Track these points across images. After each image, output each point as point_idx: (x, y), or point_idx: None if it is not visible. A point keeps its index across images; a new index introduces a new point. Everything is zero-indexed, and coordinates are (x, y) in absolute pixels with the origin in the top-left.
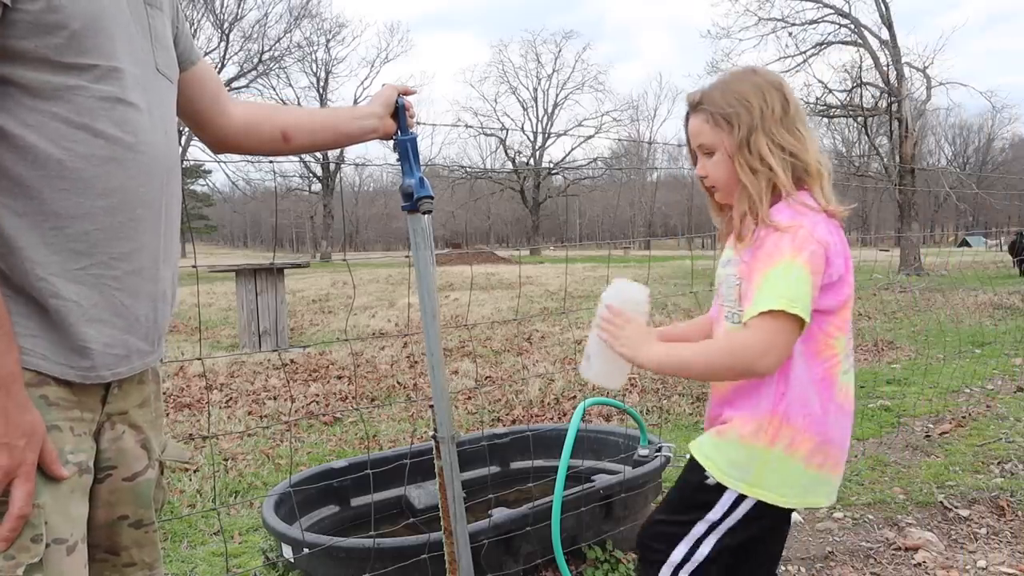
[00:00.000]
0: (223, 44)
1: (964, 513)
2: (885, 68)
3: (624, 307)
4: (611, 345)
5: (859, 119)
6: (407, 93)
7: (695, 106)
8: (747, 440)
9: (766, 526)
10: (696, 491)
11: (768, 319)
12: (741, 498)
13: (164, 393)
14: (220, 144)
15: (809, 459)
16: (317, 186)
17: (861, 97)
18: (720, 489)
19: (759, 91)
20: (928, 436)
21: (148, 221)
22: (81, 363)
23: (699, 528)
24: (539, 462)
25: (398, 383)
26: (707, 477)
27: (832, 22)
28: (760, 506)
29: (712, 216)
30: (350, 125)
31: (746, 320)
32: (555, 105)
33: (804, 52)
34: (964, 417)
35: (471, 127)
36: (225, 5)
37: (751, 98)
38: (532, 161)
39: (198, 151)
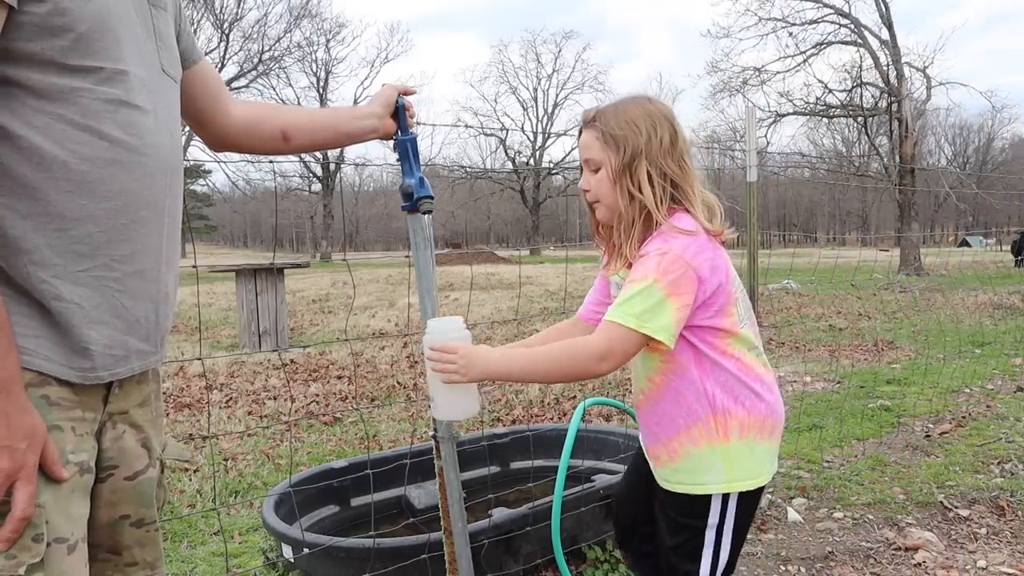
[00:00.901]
0: (223, 44)
1: (964, 513)
2: (885, 68)
3: (459, 341)
4: (449, 379)
5: (859, 119)
6: (407, 93)
7: (589, 122)
8: (703, 447)
9: (755, 504)
10: (687, 507)
11: (615, 328)
12: (727, 496)
13: (164, 393)
14: (220, 143)
15: (761, 434)
16: (317, 186)
17: (861, 97)
18: (707, 496)
19: (650, 119)
20: (928, 436)
21: (151, 223)
22: (81, 364)
23: (710, 536)
24: (539, 462)
25: (398, 383)
26: (689, 496)
27: (832, 22)
28: (745, 494)
29: (595, 239)
30: (350, 125)
31: (604, 319)
32: (555, 105)
33: (804, 52)
34: (964, 417)
35: (471, 127)
36: (225, 5)
37: (641, 124)
38: (532, 161)
39: (198, 151)
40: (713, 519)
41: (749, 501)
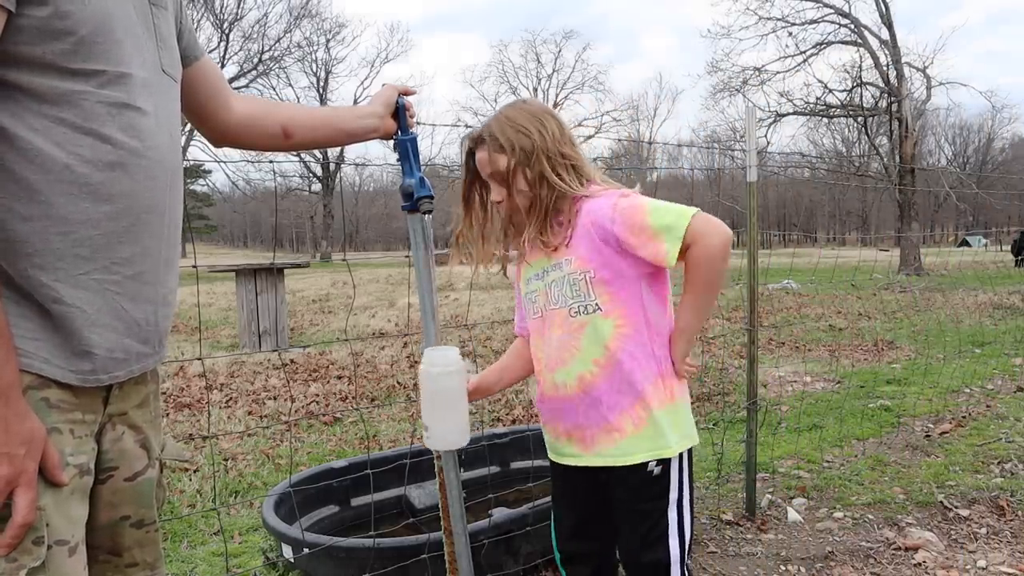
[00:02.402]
0: (223, 44)
1: (964, 513)
2: (885, 68)
3: (462, 375)
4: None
5: (859, 119)
6: (407, 93)
7: (479, 141)
8: (655, 409)
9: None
10: (645, 490)
11: (692, 222)
12: (680, 458)
13: (164, 393)
14: (221, 138)
15: (687, 396)
16: (317, 186)
17: (861, 97)
18: (665, 468)
19: (535, 118)
20: (928, 436)
21: (152, 225)
22: (82, 367)
23: (672, 514)
24: (539, 462)
25: (398, 383)
26: (647, 470)
27: (832, 22)
28: (689, 453)
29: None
30: (351, 124)
31: (675, 242)
32: (555, 105)
33: (804, 52)
34: (964, 417)
35: (471, 127)
36: (225, 5)
37: (528, 125)
38: None
39: (198, 151)
40: (674, 494)
41: (691, 464)
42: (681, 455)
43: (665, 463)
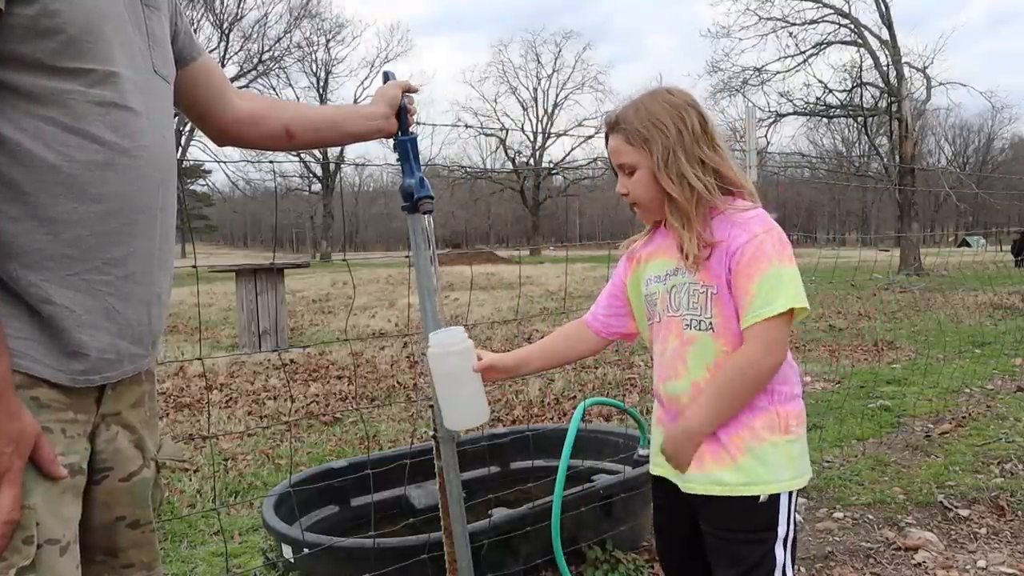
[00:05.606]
0: (223, 44)
1: (964, 513)
2: (885, 68)
3: (463, 355)
4: (679, 468)
5: (859, 119)
6: (410, 90)
7: (613, 127)
8: (765, 443)
9: None
10: (752, 521)
11: (772, 320)
12: (790, 496)
13: (164, 393)
14: (223, 136)
15: (803, 428)
16: (317, 186)
17: (861, 97)
18: (774, 500)
19: (675, 111)
20: (928, 436)
21: (143, 225)
22: (74, 367)
23: (779, 552)
24: (539, 462)
25: (398, 383)
26: (756, 500)
27: (832, 22)
28: (796, 491)
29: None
30: (355, 125)
31: (749, 324)
32: (555, 105)
33: (804, 52)
34: (964, 417)
35: (471, 127)
36: (225, 5)
37: (666, 119)
38: (532, 161)
39: (198, 151)
40: (782, 528)
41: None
42: (791, 493)
43: (775, 497)
